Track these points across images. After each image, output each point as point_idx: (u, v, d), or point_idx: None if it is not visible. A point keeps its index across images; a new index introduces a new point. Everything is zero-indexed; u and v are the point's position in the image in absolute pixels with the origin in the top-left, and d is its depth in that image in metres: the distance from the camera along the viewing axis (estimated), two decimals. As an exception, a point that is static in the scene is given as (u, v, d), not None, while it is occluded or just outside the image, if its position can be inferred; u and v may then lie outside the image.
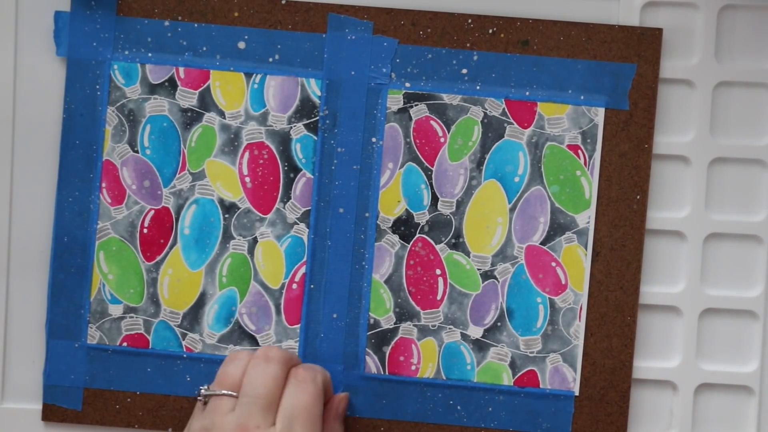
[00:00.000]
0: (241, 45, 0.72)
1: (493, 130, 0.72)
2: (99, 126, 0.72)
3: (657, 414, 0.73)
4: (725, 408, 0.73)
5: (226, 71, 0.72)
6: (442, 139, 0.72)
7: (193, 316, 0.73)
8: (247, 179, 0.73)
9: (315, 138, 0.72)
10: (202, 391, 0.67)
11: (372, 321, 0.72)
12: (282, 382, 0.66)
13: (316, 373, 0.67)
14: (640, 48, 0.72)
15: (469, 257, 0.72)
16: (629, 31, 0.72)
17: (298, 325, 0.73)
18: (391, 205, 0.72)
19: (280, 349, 0.67)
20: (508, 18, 0.72)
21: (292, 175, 0.72)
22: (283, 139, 0.72)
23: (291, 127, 0.72)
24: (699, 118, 0.73)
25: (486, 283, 0.72)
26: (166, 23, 0.72)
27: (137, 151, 0.73)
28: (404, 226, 0.73)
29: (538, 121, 0.72)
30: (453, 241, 0.72)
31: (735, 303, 0.73)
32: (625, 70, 0.72)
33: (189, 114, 0.72)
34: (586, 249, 0.72)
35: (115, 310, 0.73)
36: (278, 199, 0.72)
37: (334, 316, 0.72)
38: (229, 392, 0.66)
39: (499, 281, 0.72)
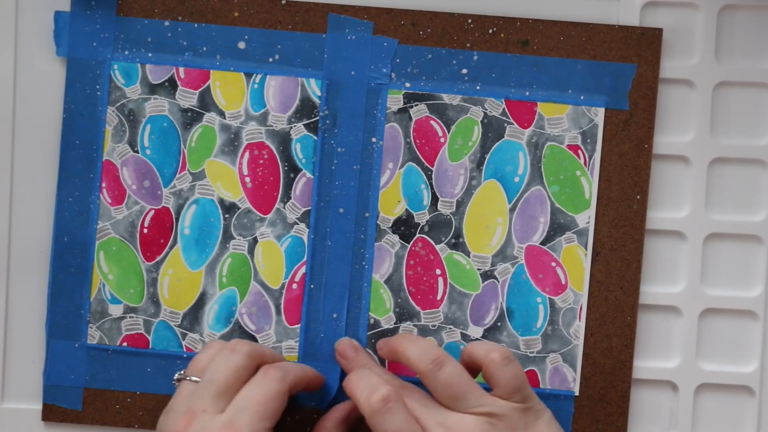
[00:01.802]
0: (241, 45, 0.72)
1: (493, 130, 0.72)
2: (99, 126, 0.72)
3: (657, 414, 0.73)
4: (725, 408, 0.73)
5: (226, 71, 0.72)
6: (442, 139, 0.72)
7: (193, 316, 0.73)
8: (247, 179, 0.73)
9: (315, 138, 0.72)
10: (176, 376, 0.68)
11: (372, 321, 0.72)
12: (245, 373, 0.66)
13: (287, 374, 0.66)
14: (640, 48, 0.72)
15: (469, 257, 0.72)
16: (629, 31, 0.72)
17: (298, 325, 0.73)
18: (391, 205, 0.72)
19: (252, 344, 0.68)
20: (508, 18, 0.72)
21: (292, 175, 0.72)
22: (283, 139, 0.72)
23: (291, 127, 0.72)
24: (699, 118, 0.73)
25: (486, 283, 0.72)
26: (166, 23, 0.72)
27: (137, 151, 0.73)
28: (404, 226, 0.73)
29: (538, 121, 0.72)
30: (453, 241, 0.72)
31: (735, 303, 0.73)
32: (625, 70, 0.72)
33: (189, 114, 0.73)
34: (586, 249, 0.72)
35: (115, 310, 0.73)
36: (278, 199, 0.72)
37: (334, 316, 0.72)
38: (193, 377, 0.66)
39: (499, 281, 0.72)
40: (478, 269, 0.72)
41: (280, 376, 0.66)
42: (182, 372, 0.67)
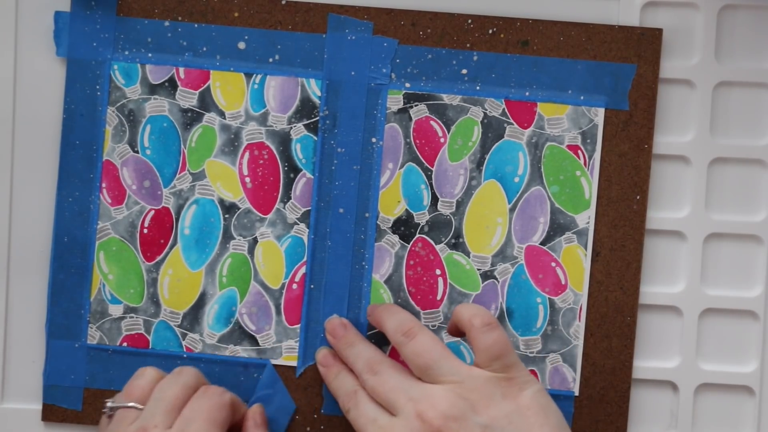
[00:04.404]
0: (241, 45, 0.72)
1: (493, 130, 0.72)
2: (99, 126, 0.72)
3: (657, 414, 0.73)
4: (725, 408, 0.73)
5: (227, 71, 0.72)
6: (442, 140, 0.72)
7: (193, 316, 0.73)
8: (248, 179, 0.73)
9: (315, 138, 0.72)
10: (108, 404, 0.67)
11: (372, 321, 0.73)
12: (191, 393, 0.67)
13: (225, 391, 0.67)
14: (640, 48, 0.72)
15: (469, 257, 0.72)
16: (629, 31, 0.72)
17: (298, 325, 0.73)
18: (391, 205, 0.72)
19: (195, 369, 0.68)
20: (508, 18, 0.72)
21: (292, 176, 0.72)
22: (284, 140, 0.72)
23: (291, 128, 0.72)
24: (699, 118, 0.73)
25: (486, 283, 0.72)
26: (166, 23, 0.72)
27: (137, 152, 0.73)
28: (404, 226, 0.73)
29: (538, 121, 0.72)
30: (453, 241, 0.72)
31: (735, 303, 0.73)
32: (625, 70, 0.72)
33: (189, 114, 0.73)
34: (586, 249, 0.72)
35: (116, 310, 0.73)
36: (278, 200, 0.73)
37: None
38: (136, 404, 0.66)
39: (498, 281, 0.72)
40: (478, 269, 0.72)
41: (221, 391, 0.67)
42: (113, 401, 0.67)
